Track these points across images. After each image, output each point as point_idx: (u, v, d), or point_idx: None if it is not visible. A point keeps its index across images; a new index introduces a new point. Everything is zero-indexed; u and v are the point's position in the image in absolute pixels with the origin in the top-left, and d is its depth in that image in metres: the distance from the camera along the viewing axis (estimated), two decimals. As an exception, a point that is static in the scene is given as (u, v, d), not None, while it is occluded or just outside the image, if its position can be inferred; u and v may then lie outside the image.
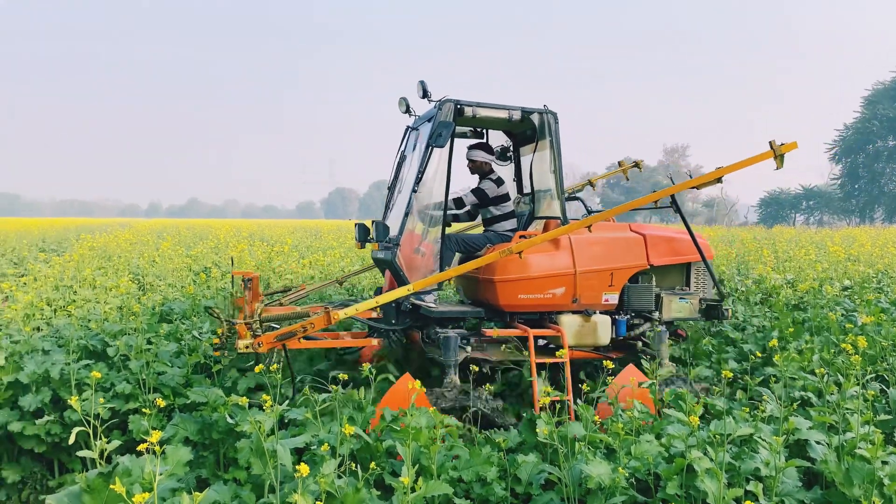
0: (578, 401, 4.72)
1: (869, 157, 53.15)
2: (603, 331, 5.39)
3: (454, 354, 4.95)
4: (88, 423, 3.25)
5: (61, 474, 4.71)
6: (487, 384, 4.86)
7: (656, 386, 4.75)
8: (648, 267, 5.58)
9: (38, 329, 6.62)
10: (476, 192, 5.83)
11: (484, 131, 6.26)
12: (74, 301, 7.98)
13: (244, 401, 3.58)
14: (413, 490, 3.08)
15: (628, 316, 5.60)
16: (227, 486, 3.32)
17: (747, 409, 4.12)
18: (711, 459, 3.23)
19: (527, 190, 6.02)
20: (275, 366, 4.18)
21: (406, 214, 5.11)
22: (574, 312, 5.40)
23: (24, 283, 8.86)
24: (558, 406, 4.77)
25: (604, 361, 4.87)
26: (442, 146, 5.10)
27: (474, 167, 6.00)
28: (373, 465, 3.30)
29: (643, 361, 5.37)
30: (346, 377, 4.46)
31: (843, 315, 7.12)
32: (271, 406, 3.35)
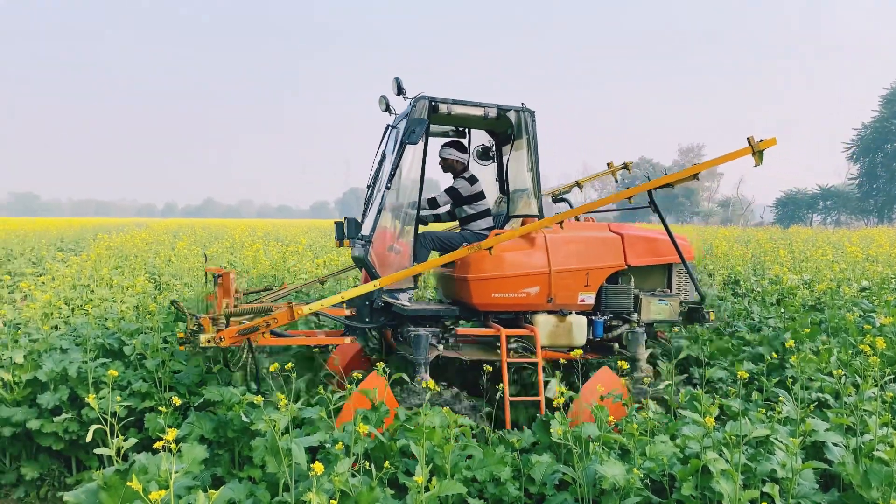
0: (594, 401, 4.70)
1: (887, 157, 52.53)
2: (578, 331, 5.31)
3: (425, 353, 4.91)
4: (105, 420, 3.28)
5: (79, 471, 4.75)
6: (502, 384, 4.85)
7: (672, 388, 4.73)
8: (626, 267, 5.49)
9: (56, 328, 6.68)
10: (449, 191, 5.81)
11: (466, 130, 6.22)
12: (92, 300, 8.06)
13: (259, 399, 3.60)
14: (427, 489, 3.08)
15: (606, 317, 5.51)
16: (242, 484, 3.34)
17: (763, 411, 4.09)
18: (727, 461, 3.21)
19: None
20: (290, 364, 4.20)
21: (378, 211, 5.09)
22: (549, 312, 5.33)
23: (43, 283, 8.96)
24: (529, 408, 4.72)
25: (618, 362, 4.84)
26: (415, 143, 5.05)
27: (446, 165, 5.98)
28: (387, 464, 3.30)
29: (659, 362, 5.35)
30: (360, 376, 4.46)
31: (860, 316, 7.05)
32: (286, 405, 3.37)
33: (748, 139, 4.79)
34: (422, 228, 5.87)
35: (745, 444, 3.43)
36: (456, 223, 6.44)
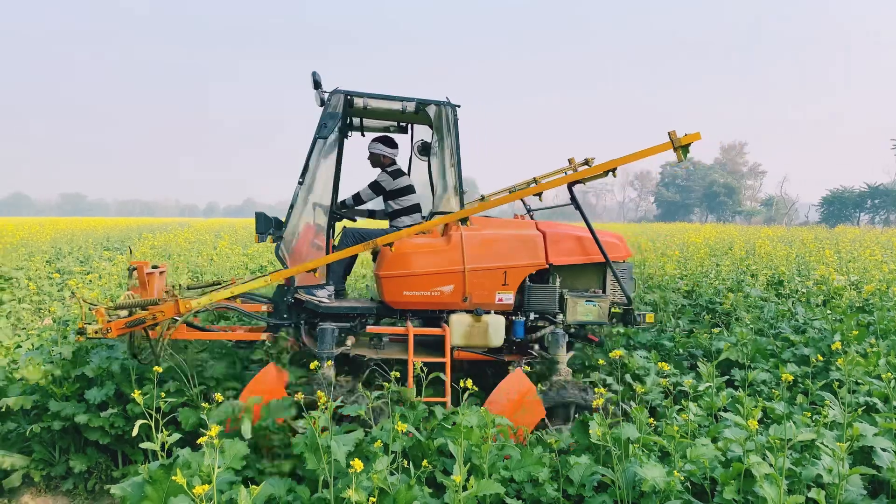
0: (632, 403, 4.66)
1: (939, 154, 50.92)
2: (494, 332, 5.17)
3: (329, 347, 4.87)
4: (150, 416, 3.36)
5: (125, 465, 4.87)
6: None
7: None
8: (547, 266, 5.30)
9: (103, 325, 6.85)
10: (371, 185, 5.83)
11: (409, 125, 6.20)
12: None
13: (299, 396, 3.65)
14: (465, 489, 3.08)
15: (527, 317, 5.33)
16: (282, 480, 3.39)
17: (809, 414, 4.00)
18: (771, 465, 3.15)
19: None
20: (329, 362, 4.24)
21: (291, 207, 5.03)
22: (467, 311, 5.21)
23: (90, 281, 9.20)
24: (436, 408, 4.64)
25: (657, 364, 4.77)
26: (325, 137, 4.99)
27: (373, 160, 5.98)
28: (425, 462, 3.32)
29: (699, 363, 5.26)
30: (397, 376, 4.48)
31: (911, 318, 6.84)
32: (325, 403, 3.40)
33: (669, 134, 4.55)
34: (352, 225, 5.87)
35: (789, 448, 3.36)
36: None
